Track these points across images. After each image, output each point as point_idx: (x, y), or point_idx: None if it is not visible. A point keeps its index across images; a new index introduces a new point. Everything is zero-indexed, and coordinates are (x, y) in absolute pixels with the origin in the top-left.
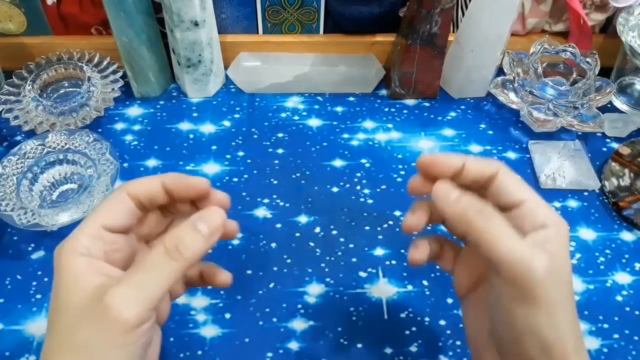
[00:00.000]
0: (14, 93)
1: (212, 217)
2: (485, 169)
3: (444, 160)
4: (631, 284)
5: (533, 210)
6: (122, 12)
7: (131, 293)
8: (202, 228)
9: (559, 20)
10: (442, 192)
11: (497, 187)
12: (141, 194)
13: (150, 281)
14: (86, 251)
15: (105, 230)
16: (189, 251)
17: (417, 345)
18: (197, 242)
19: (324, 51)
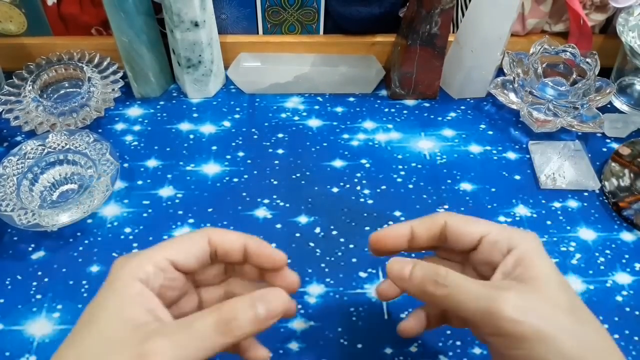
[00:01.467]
0: (14, 93)
1: (274, 300)
2: (432, 225)
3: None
4: (631, 284)
5: (494, 240)
6: (122, 13)
7: (172, 351)
8: (261, 311)
9: (559, 21)
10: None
11: (452, 236)
12: (221, 246)
13: (192, 346)
14: (146, 279)
15: (171, 265)
16: (239, 331)
17: (417, 346)
18: (251, 324)
19: (324, 51)
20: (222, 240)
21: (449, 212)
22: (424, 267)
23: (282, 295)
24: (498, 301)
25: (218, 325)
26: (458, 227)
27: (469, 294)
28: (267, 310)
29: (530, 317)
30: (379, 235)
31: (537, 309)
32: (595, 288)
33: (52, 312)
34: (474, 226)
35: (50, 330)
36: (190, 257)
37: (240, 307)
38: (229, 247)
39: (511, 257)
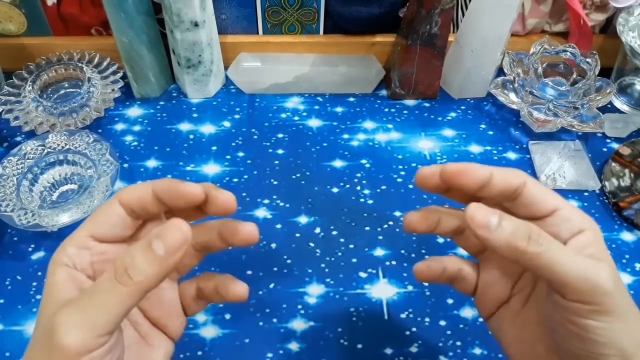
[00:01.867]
0: (14, 94)
1: (171, 233)
2: (513, 181)
3: (471, 171)
4: (631, 284)
5: (567, 217)
6: (122, 13)
7: (76, 318)
8: (158, 248)
9: (559, 21)
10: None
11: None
12: (132, 201)
13: (96, 307)
14: (70, 261)
15: (94, 240)
16: (140, 274)
17: (417, 346)
18: (151, 265)
19: (324, 52)
20: (130, 196)
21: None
22: (514, 221)
23: (179, 225)
24: (599, 270)
25: (115, 276)
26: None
27: (567, 256)
28: (165, 246)
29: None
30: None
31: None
32: None
33: None
34: (552, 196)
35: None
36: (106, 226)
37: (137, 250)
38: (138, 199)
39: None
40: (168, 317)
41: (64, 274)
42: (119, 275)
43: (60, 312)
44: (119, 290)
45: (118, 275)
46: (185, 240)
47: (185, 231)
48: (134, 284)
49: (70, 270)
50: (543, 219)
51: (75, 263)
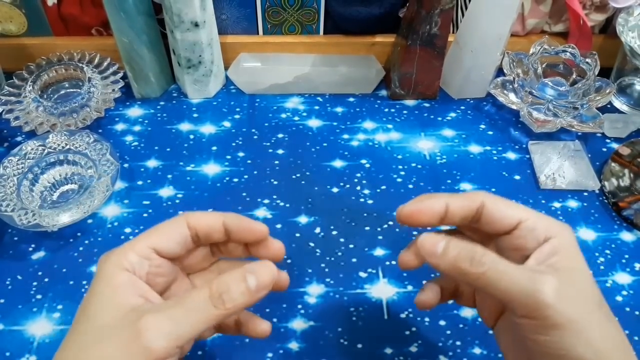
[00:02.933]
0: (14, 94)
1: (263, 272)
2: (470, 205)
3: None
4: (631, 284)
5: (532, 227)
6: (123, 13)
7: (166, 326)
8: (251, 282)
9: (559, 21)
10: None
11: (488, 217)
12: (200, 227)
13: (186, 320)
14: (131, 268)
15: (154, 253)
16: (232, 303)
17: (417, 346)
18: (243, 296)
19: (324, 52)
20: (200, 221)
21: (486, 192)
22: (459, 245)
23: (270, 266)
24: (540, 284)
25: (211, 298)
26: (497, 210)
27: (508, 274)
28: (257, 281)
29: (567, 305)
30: (412, 210)
31: (573, 299)
32: None
33: (52, 312)
34: (512, 210)
35: (51, 331)
36: (171, 243)
37: (231, 280)
38: (207, 227)
39: (548, 246)
40: None
41: (126, 277)
42: (214, 299)
43: (148, 317)
44: (210, 311)
45: (214, 299)
46: (273, 280)
47: (274, 271)
48: (226, 309)
49: (132, 276)
50: (510, 233)
51: (135, 270)
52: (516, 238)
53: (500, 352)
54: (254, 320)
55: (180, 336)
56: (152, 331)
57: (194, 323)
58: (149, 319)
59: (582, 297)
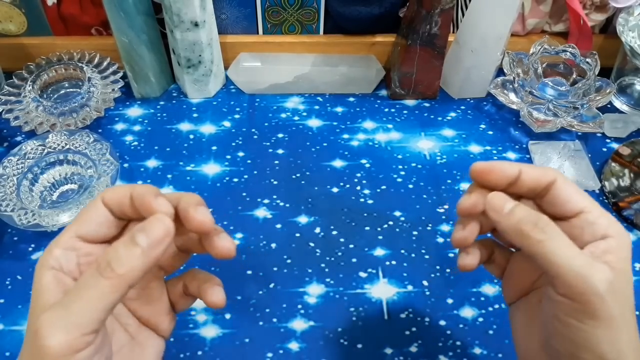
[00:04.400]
0: (14, 94)
1: (154, 227)
2: (542, 178)
3: (500, 168)
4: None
5: (593, 220)
6: (122, 13)
7: (60, 317)
8: (141, 240)
9: (559, 21)
10: (496, 203)
11: (554, 197)
12: (112, 203)
13: (79, 304)
14: (57, 264)
15: (80, 241)
16: (123, 267)
17: (417, 346)
18: (134, 257)
19: (324, 51)
20: (111, 197)
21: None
22: (526, 209)
23: (162, 219)
24: (596, 271)
25: (98, 269)
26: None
27: (567, 250)
28: (148, 238)
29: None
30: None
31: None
32: None
33: None
34: (579, 198)
35: None
36: (92, 225)
37: (119, 244)
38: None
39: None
40: (157, 315)
41: (50, 277)
42: (102, 269)
43: (43, 314)
44: (102, 284)
45: (101, 269)
46: (167, 233)
47: (167, 225)
48: (117, 276)
49: (57, 273)
50: (568, 220)
51: (62, 265)
52: (573, 226)
53: (500, 353)
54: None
55: (80, 323)
56: (46, 327)
57: (89, 304)
58: (43, 316)
59: (624, 297)
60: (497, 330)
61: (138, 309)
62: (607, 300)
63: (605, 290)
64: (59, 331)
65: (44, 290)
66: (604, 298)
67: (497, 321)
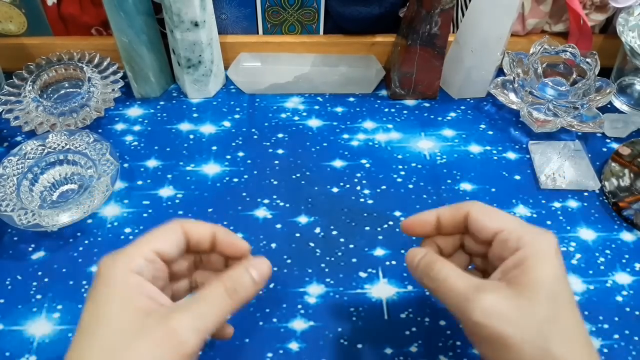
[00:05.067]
0: (14, 94)
1: (262, 266)
2: (456, 214)
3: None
4: (631, 284)
5: (506, 238)
6: (122, 13)
7: (196, 322)
8: (255, 275)
9: (559, 21)
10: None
11: (472, 228)
12: (193, 234)
13: (210, 314)
14: (139, 270)
15: (157, 256)
16: (244, 293)
17: (417, 346)
18: (250, 286)
19: (324, 52)
20: (194, 228)
21: (475, 202)
22: (426, 260)
23: (267, 262)
24: (470, 302)
25: (227, 291)
26: (477, 220)
27: (451, 291)
28: (259, 274)
29: (495, 321)
30: (407, 223)
31: (508, 315)
32: (595, 288)
33: (52, 312)
34: (492, 221)
35: (50, 331)
36: (173, 247)
37: (239, 274)
38: (199, 235)
39: (514, 258)
40: None
41: (138, 280)
42: (229, 291)
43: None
44: (227, 302)
45: (229, 291)
46: (270, 273)
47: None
48: (240, 299)
49: (142, 279)
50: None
51: (143, 273)
52: (494, 249)
53: None
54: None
55: (207, 329)
56: (185, 328)
57: (216, 315)
58: (180, 318)
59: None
60: None
61: None
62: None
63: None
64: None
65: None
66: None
67: None
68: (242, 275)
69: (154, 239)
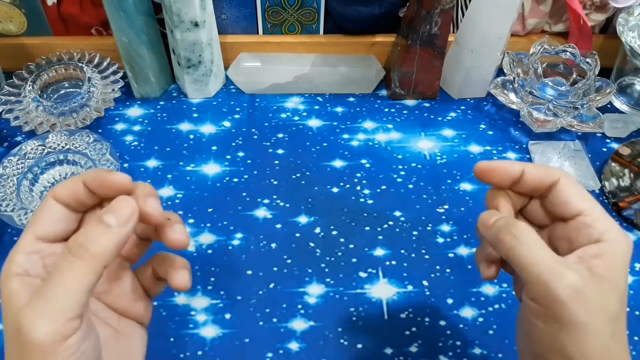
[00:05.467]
0: (14, 94)
1: (119, 206)
2: (545, 178)
3: (503, 167)
4: (631, 284)
5: (590, 223)
6: (122, 13)
7: (41, 307)
8: (110, 220)
9: (559, 21)
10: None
11: (554, 197)
12: (65, 195)
13: (58, 290)
14: (22, 270)
15: (42, 242)
16: (96, 246)
17: (417, 346)
18: (104, 236)
19: (324, 52)
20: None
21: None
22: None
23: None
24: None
25: (71, 250)
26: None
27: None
28: (116, 217)
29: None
30: (487, 167)
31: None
32: None
33: None
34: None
35: None
36: (49, 224)
37: (88, 226)
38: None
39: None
40: (133, 303)
41: (17, 283)
42: (74, 250)
43: (22, 310)
44: (78, 265)
45: (74, 251)
46: (134, 211)
47: (132, 204)
48: (92, 255)
49: (23, 278)
50: (567, 222)
51: (27, 270)
52: (571, 229)
53: (500, 352)
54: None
55: (63, 308)
56: (29, 320)
57: (68, 288)
58: (23, 311)
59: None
60: (497, 330)
61: (112, 301)
62: (568, 306)
63: (567, 296)
64: (42, 321)
65: (14, 296)
66: (565, 304)
67: (497, 321)
68: (91, 227)
69: (30, 225)
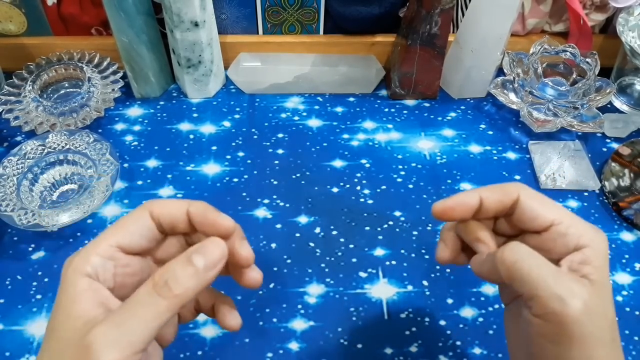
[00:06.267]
0: (14, 94)
1: (210, 249)
2: (504, 198)
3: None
4: (631, 284)
5: (564, 231)
6: (122, 13)
7: (113, 334)
8: (198, 262)
9: (559, 21)
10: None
11: (521, 214)
12: (164, 217)
13: (134, 321)
14: (93, 272)
15: (119, 251)
16: (179, 287)
17: (417, 346)
18: (190, 278)
19: (324, 51)
20: (163, 211)
21: (522, 186)
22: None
23: (219, 242)
24: (571, 292)
25: (155, 288)
26: (531, 208)
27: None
28: (205, 260)
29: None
30: (445, 207)
31: (594, 313)
32: None
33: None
34: (546, 210)
35: None
36: (135, 237)
37: (176, 264)
38: (171, 217)
39: (580, 255)
40: (166, 329)
41: (86, 284)
42: (158, 287)
43: (95, 329)
44: (158, 303)
45: (158, 287)
46: (223, 256)
47: (223, 248)
48: (174, 296)
49: (93, 282)
50: (540, 234)
51: (98, 274)
52: (545, 240)
53: (500, 352)
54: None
55: (133, 341)
56: (99, 344)
57: (143, 322)
58: (95, 332)
59: (602, 313)
60: (497, 330)
61: None
62: (581, 320)
63: (581, 312)
64: (112, 349)
65: (80, 298)
66: (579, 319)
67: (497, 321)
68: (179, 266)
69: (116, 231)
